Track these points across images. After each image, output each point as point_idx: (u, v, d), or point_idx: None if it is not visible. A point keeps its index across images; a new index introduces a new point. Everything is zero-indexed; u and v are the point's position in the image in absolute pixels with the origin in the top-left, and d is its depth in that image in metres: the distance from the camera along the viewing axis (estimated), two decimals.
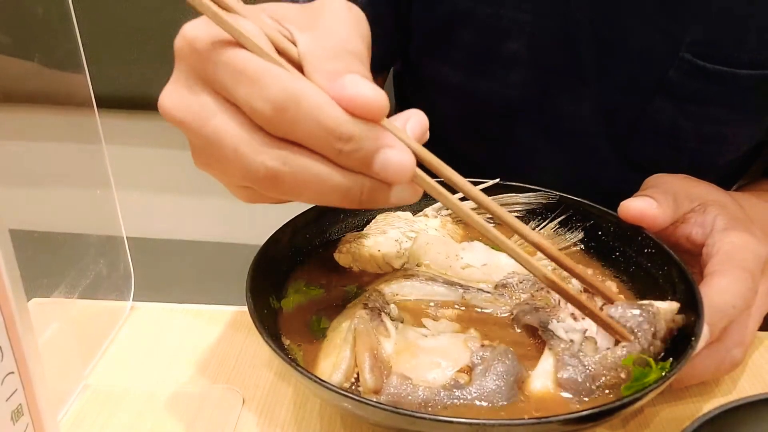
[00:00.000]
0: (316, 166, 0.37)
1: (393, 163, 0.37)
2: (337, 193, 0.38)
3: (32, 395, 0.37)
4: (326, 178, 0.38)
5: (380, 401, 0.44)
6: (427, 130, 0.42)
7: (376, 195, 0.39)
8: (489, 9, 0.70)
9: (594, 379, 0.45)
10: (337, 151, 0.37)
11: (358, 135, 0.37)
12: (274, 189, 0.38)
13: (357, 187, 0.38)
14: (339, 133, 0.36)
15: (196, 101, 0.39)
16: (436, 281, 0.56)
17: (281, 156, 0.37)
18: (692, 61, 0.66)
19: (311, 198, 0.39)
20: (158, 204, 1.66)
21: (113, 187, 0.59)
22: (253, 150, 0.37)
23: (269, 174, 0.37)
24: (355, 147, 0.37)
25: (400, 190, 0.40)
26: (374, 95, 0.37)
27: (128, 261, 0.63)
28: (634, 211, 0.56)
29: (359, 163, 0.37)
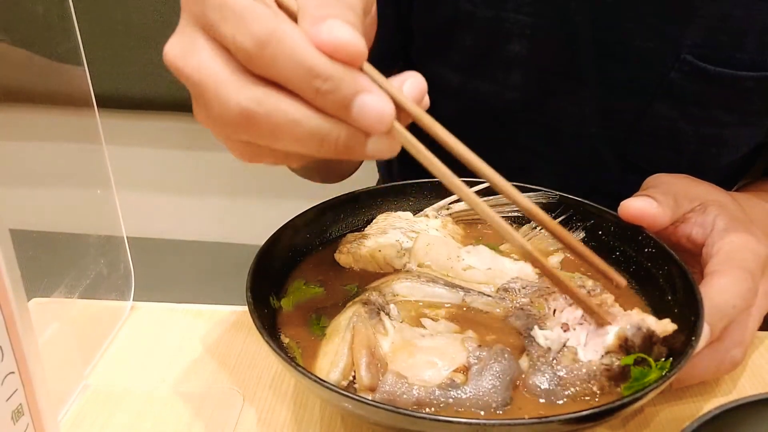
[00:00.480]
0: (292, 107, 0.37)
1: (371, 108, 0.37)
2: (313, 138, 0.38)
3: (32, 395, 0.37)
4: (302, 121, 0.37)
5: (375, 399, 0.44)
6: (425, 92, 0.41)
7: (353, 144, 0.38)
8: (489, 11, 0.70)
9: (563, 388, 0.46)
10: (314, 90, 0.37)
11: (336, 75, 0.36)
12: (249, 131, 0.38)
13: (334, 134, 0.38)
14: (317, 71, 0.36)
15: (189, 43, 0.39)
16: (437, 282, 0.56)
17: (257, 96, 0.37)
18: (693, 62, 0.66)
19: (287, 143, 0.38)
20: (158, 204, 1.67)
21: (113, 187, 0.59)
22: (232, 89, 0.37)
23: (243, 114, 0.37)
24: (332, 86, 0.36)
25: (378, 141, 0.39)
26: (350, 38, 0.37)
27: (128, 261, 0.63)
28: (634, 211, 0.56)
29: (337, 105, 0.37)
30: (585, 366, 0.46)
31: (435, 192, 0.66)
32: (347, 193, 0.64)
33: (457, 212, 0.65)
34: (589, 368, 0.46)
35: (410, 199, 0.66)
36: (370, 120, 0.37)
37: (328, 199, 0.63)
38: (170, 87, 1.38)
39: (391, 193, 0.66)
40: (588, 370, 0.46)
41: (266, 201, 1.64)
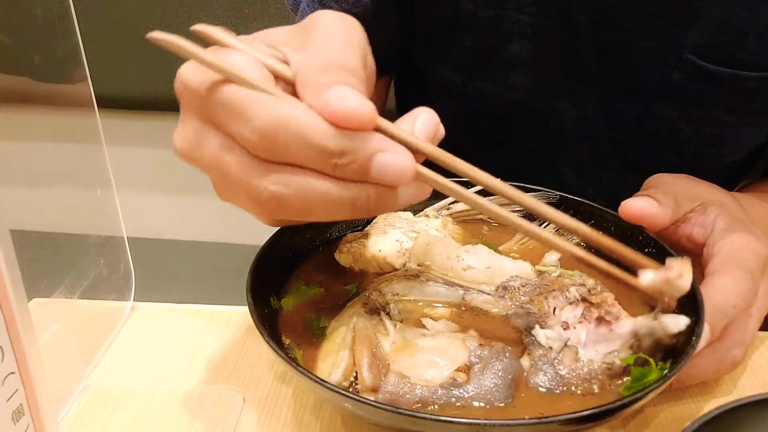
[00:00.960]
0: (318, 183, 0.38)
1: (390, 166, 0.38)
2: (344, 206, 0.38)
3: (33, 395, 0.37)
4: (330, 194, 0.38)
5: (377, 399, 0.44)
6: (438, 127, 0.42)
7: (384, 200, 0.39)
8: (490, 11, 0.70)
9: (564, 387, 0.46)
10: (332, 165, 0.37)
11: (349, 147, 0.37)
12: (282, 211, 0.39)
13: (362, 197, 0.38)
14: (330, 149, 0.37)
15: (199, 139, 0.40)
16: (437, 282, 0.56)
17: (282, 179, 0.38)
18: (695, 62, 0.66)
19: (321, 215, 0.39)
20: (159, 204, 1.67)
21: (114, 188, 0.59)
22: (256, 177, 0.38)
23: (274, 197, 0.38)
24: (349, 159, 0.37)
25: (407, 190, 0.40)
26: (358, 105, 0.37)
27: (129, 261, 0.63)
28: (634, 211, 0.56)
29: (357, 173, 0.38)
30: (586, 365, 0.46)
31: (435, 192, 0.66)
32: None
33: (457, 212, 0.65)
34: (590, 367, 0.46)
35: None
36: (392, 177, 0.38)
37: None
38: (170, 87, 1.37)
39: None
40: (590, 369, 0.46)
41: None
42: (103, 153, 0.58)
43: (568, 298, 0.52)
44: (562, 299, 0.52)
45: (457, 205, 0.65)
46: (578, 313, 0.50)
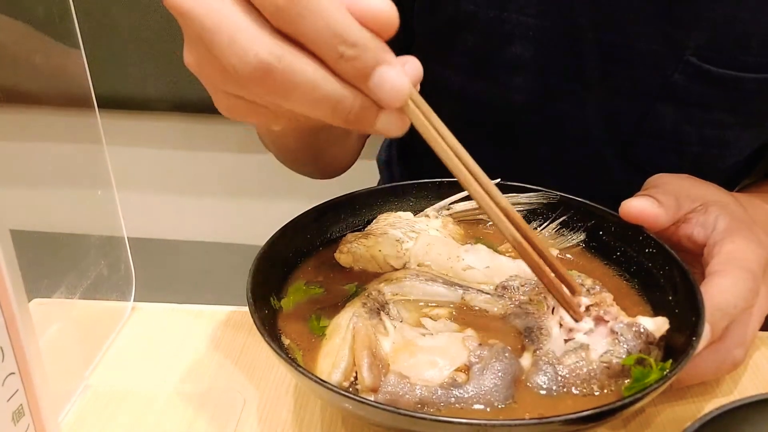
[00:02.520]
0: (312, 68, 0.36)
1: (390, 81, 0.37)
2: (327, 103, 0.37)
3: (33, 396, 0.37)
4: (319, 84, 0.36)
5: (377, 399, 0.44)
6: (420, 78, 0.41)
7: (365, 115, 0.38)
8: (492, 12, 0.70)
9: (564, 387, 0.46)
10: (338, 55, 0.36)
11: (362, 43, 0.36)
12: (261, 86, 0.37)
13: (348, 101, 0.37)
14: (345, 36, 0.35)
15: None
16: (436, 281, 0.56)
17: (278, 50, 0.36)
18: (697, 64, 0.66)
19: (299, 104, 0.37)
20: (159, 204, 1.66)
21: (114, 188, 0.59)
22: (250, 39, 0.36)
23: (260, 67, 0.36)
24: (356, 53, 0.36)
25: (388, 117, 0.39)
26: (387, 7, 0.36)
27: (129, 261, 0.63)
28: (635, 211, 0.56)
29: (357, 73, 0.37)
30: (585, 365, 0.46)
31: (435, 192, 0.66)
32: (348, 194, 0.64)
33: (457, 212, 0.65)
34: (589, 367, 0.46)
35: (411, 199, 0.66)
36: (386, 93, 0.37)
37: (329, 199, 0.63)
38: (171, 87, 1.38)
39: (391, 193, 0.66)
40: (589, 369, 0.46)
41: (266, 201, 1.64)
42: (103, 153, 0.58)
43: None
44: None
45: (457, 206, 0.65)
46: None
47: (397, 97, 0.37)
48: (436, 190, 0.66)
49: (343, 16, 0.36)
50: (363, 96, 0.37)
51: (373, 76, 0.37)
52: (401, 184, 0.66)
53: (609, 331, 0.48)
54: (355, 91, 0.37)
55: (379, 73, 0.37)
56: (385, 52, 0.37)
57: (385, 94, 0.37)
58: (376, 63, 0.37)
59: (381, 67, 0.37)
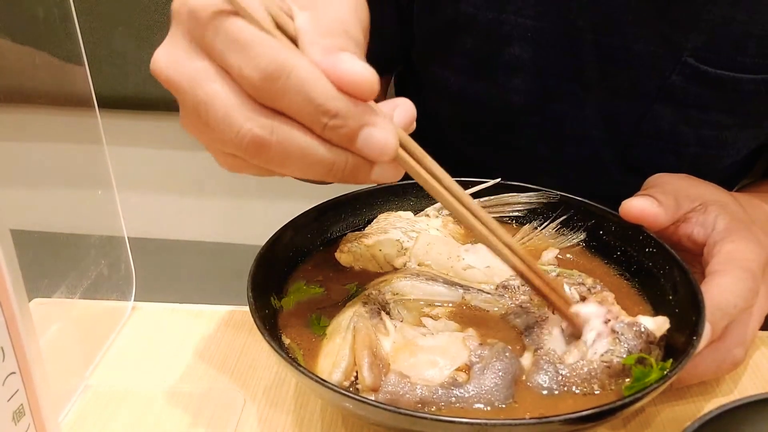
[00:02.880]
0: (303, 138, 0.38)
1: (376, 142, 0.38)
2: (320, 166, 0.39)
3: (34, 396, 0.37)
4: (311, 151, 0.38)
5: (378, 399, 0.44)
6: (413, 120, 0.42)
7: (359, 171, 0.40)
8: (491, 14, 0.70)
9: (565, 387, 0.46)
10: (322, 125, 0.38)
11: (344, 111, 0.37)
12: (259, 157, 0.39)
13: (341, 162, 0.39)
14: (326, 108, 0.37)
15: (191, 64, 0.39)
16: (437, 281, 0.56)
17: (269, 125, 0.38)
18: (695, 65, 0.66)
19: (295, 169, 0.39)
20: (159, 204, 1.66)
21: (114, 188, 0.59)
22: (243, 116, 0.38)
23: (256, 141, 0.38)
24: (340, 123, 0.37)
25: (382, 168, 0.40)
26: (366, 74, 0.37)
27: (129, 261, 0.63)
28: (635, 211, 0.56)
29: (343, 138, 0.38)
30: (586, 364, 0.47)
31: None
32: (348, 193, 0.64)
33: None
34: (589, 366, 0.46)
35: (411, 198, 0.66)
36: (374, 152, 0.39)
37: (329, 199, 0.63)
38: None
39: (391, 193, 0.66)
40: (589, 368, 0.46)
41: (267, 201, 1.64)
42: (103, 153, 0.58)
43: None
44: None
45: None
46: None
47: (384, 154, 0.39)
48: None
49: (322, 88, 0.37)
50: (354, 155, 0.39)
51: (359, 139, 0.38)
52: (401, 183, 0.66)
53: (610, 330, 0.48)
54: (346, 152, 0.39)
55: (365, 136, 0.38)
56: (369, 113, 0.38)
57: (372, 153, 0.39)
58: (359, 127, 0.38)
59: (365, 130, 0.38)
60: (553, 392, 0.46)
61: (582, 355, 0.47)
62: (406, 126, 0.42)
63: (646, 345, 0.47)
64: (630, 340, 0.47)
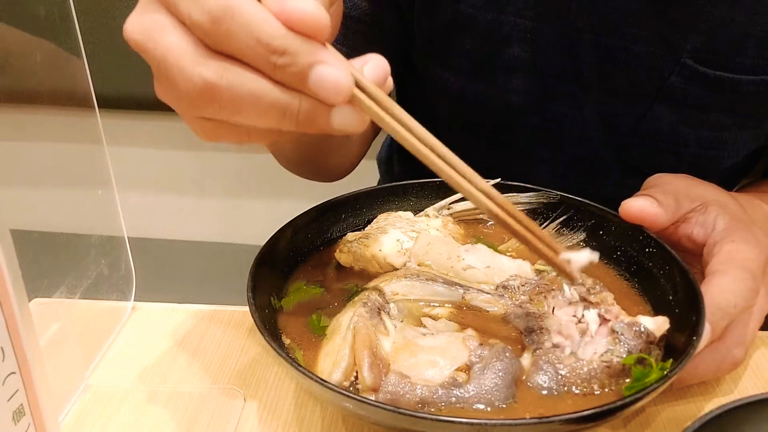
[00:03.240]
0: (253, 80, 0.37)
1: (328, 79, 0.37)
2: (274, 110, 0.38)
3: (34, 395, 0.37)
4: (262, 94, 0.37)
5: (378, 399, 0.44)
6: (387, 75, 0.41)
7: (316, 115, 0.39)
8: (490, 15, 0.70)
9: (565, 387, 0.46)
10: (271, 65, 0.37)
11: (292, 49, 0.37)
12: (212, 105, 0.38)
13: (294, 105, 0.38)
14: (273, 46, 0.36)
15: (149, 19, 0.39)
16: (436, 281, 0.56)
17: (218, 69, 0.37)
18: (693, 67, 0.66)
19: (250, 117, 0.38)
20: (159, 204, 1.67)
21: (114, 188, 0.59)
22: (193, 62, 0.37)
23: (206, 87, 0.37)
24: (288, 61, 0.37)
25: (342, 113, 0.39)
26: (313, 10, 0.37)
27: (129, 261, 0.63)
28: (634, 211, 0.56)
29: (294, 78, 0.37)
30: (585, 364, 0.47)
31: (435, 192, 0.66)
32: (348, 193, 0.64)
33: (457, 212, 0.65)
34: (589, 366, 0.46)
35: (411, 199, 0.66)
36: (327, 91, 0.37)
37: (329, 199, 0.63)
38: None
39: (391, 193, 0.66)
40: (589, 368, 0.46)
41: (266, 201, 1.64)
42: (103, 153, 0.58)
43: (567, 299, 0.52)
44: (561, 299, 0.52)
45: (457, 205, 0.66)
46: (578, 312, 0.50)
47: (338, 92, 0.38)
48: (437, 189, 0.66)
49: (269, 27, 0.36)
50: (308, 98, 0.38)
51: (310, 78, 0.37)
52: (402, 183, 0.66)
53: (609, 330, 0.48)
54: (300, 94, 0.38)
55: (315, 73, 0.37)
56: (318, 52, 0.37)
57: (325, 93, 0.38)
58: (309, 65, 0.37)
59: (316, 68, 0.37)
60: (552, 392, 0.46)
61: (581, 354, 0.47)
62: (380, 82, 0.41)
63: (646, 345, 0.47)
64: (630, 340, 0.47)
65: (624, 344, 0.47)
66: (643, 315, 0.50)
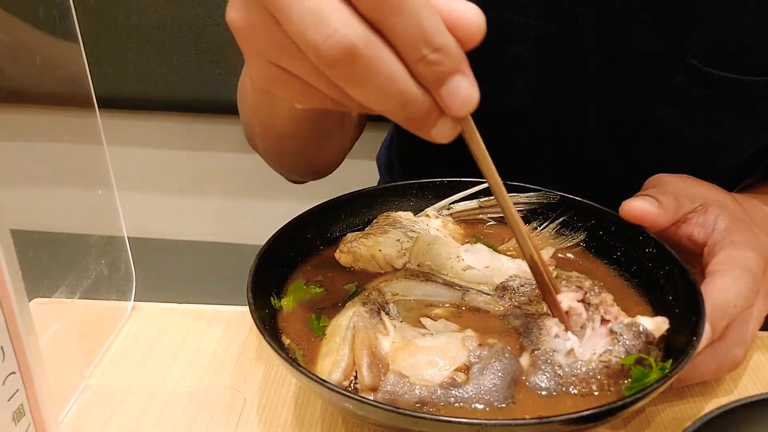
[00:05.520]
0: (395, 63, 0.36)
1: (463, 91, 0.37)
2: (398, 99, 0.36)
3: (34, 395, 0.37)
4: (398, 78, 0.36)
5: (377, 399, 0.44)
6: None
7: (428, 118, 0.38)
8: (493, 13, 0.69)
9: (563, 387, 0.46)
10: (420, 56, 0.35)
11: (446, 49, 0.35)
12: (343, 68, 0.35)
13: (419, 102, 0.37)
14: (431, 38, 0.35)
15: None
16: (436, 282, 0.56)
17: (367, 36, 0.35)
18: (698, 67, 0.66)
19: (370, 94, 0.36)
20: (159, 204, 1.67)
21: (114, 188, 0.59)
22: (341, 19, 0.34)
23: (348, 49, 0.34)
24: (438, 58, 0.35)
25: (445, 124, 0.38)
26: (478, 18, 0.36)
27: (129, 261, 0.63)
28: (635, 211, 0.56)
29: (435, 77, 0.36)
30: (584, 365, 0.46)
31: (435, 192, 0.66)
32: (348, 193, 0.64)
33: (457, 212, 0.65)
34: (588, 366, 0.46)
35: (411, 199, 0.66)
36: (457, 103, 0.37)
37: (329, 199, 0.63)
38: (171, 87, 1.38)
39: (391, 193, 0.66)
40: (587, 368, 0.46)
41: (266, 201, 1.64)
42: (103, 153, 0.58)
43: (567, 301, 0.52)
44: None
45: (457, 205, 0.66)
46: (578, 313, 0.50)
47: (466, 107, 0.37)
48: (436, 189, 0.66)
49: (434, 19, 0.35)
50: (432, 99, 0.37)
51: (448, 83, 0.36)
52: (401, 183, 0.66)
53: (608, 331, 0.48)
54: (427, 93, 0.37)
55: (455, 82, 0.36)
56: (464, 61, 0.37)
57: (455, 103, 0.37)
58: (454, 71, 0.36)
59: (457, 76, 0.36)
60: (551, 393, 0.46)
61: (580, 355, 0.47)
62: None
63: (645, 345, 0.47)
64: (628, 340, 0.47)
65: (623, 345, 0.47)
66: (644, 315, 0.50)
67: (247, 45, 0.39)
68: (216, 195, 1.66)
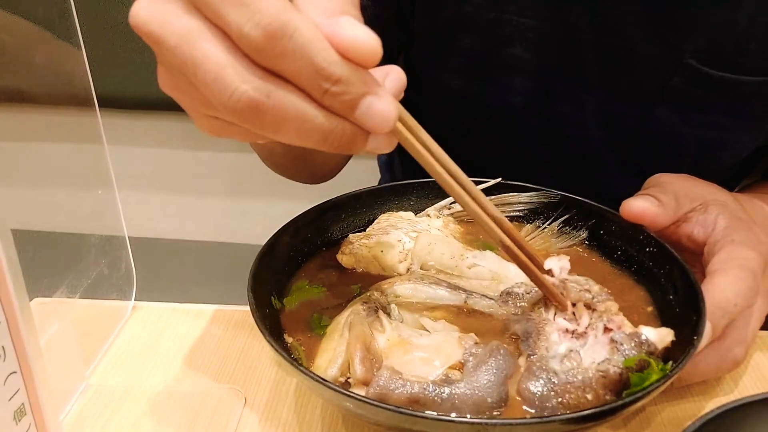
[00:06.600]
0: (301, 103, 0.36)
1: (377, 112, 0.37)
2: (317, 133, 0.37)
3: (34, 395, 0.37)
4: (309, 117, 0.36)
5: (368, 393, 0.44)
6: (404, 88, 0.41)
7: (354, 141, 0.38)
8: (491, 14, 0.70)
9: (557, 395, 0.45)
10: (323, 90, 0.36)
11: (346, 78, 0.36)
12: (254, 121, 0.36)
13: (338, 131, 0.37)
14: (328, 72, 0.35)
15: (181, 21, 0.36)
16: (440, 285, 0.56)
17: (266, 87, 0.35)
18: (696, 67, 0.66)
19: (289, 135, 0.37)
20: (160, 204, 1.67)
21: (115, 187, 0.59)
22: (238, 77, 0.35)
23: (252, 104, 0.35)
24: (341, 90, 0.36)
25: (377, 139, 0.39)
26: (369, 40, 0.36)
27: (130, 261, 0.63)
28: (635, 210, 0.56)
29: (344, 106, 0.37)
30: (581, 373, 0.45)
31: (436, 192, 0.66)
32: (348, 193, 0.64)
33: (458, 212, 0.65)
34: (584, 374, 0.45)
35: (412, 199, 0.66)
36: (374, 123, 0.37)
37: (329, 198, 0.63)
38: None
39: (392, 193, 0.66)
40: (584, 377, 0.45)
41: (267, 201, 1.64)
42: (104, 153, 0.58)
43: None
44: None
45: (458, 205, 0.65)
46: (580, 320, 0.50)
47: (386, 124, 0.37)
48: (437, 189, 0.65)
49: (325, 52, 0.35)
50: (351, 125, 0.37)
51: (359, 107, 0.37)
52: (402, 183, 0.66)
53: (609, 339, 0.48)
54: (344, 120, 0.37)
55: (366, 105, 0.37)
56: (369, 82, 0.37)
57: (372, 123, 0.37)
58: (361, 95, 0.36)
59: (366, 98, 0.37)
60: (545, 400, 0.45)
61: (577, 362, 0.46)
62: (397, 94, 0.41)
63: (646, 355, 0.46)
64: (628, 350, 0.46)
65: (622, 354, 0.46)
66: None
67: (182, 104, 0.40)
68: (216, 195, 1.66)
